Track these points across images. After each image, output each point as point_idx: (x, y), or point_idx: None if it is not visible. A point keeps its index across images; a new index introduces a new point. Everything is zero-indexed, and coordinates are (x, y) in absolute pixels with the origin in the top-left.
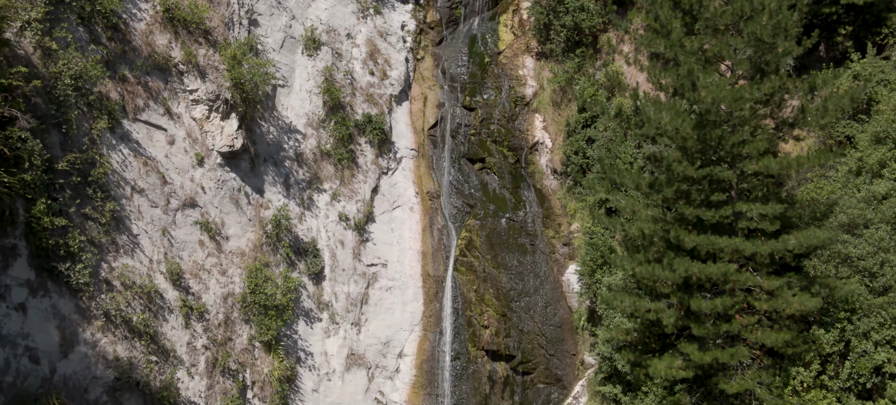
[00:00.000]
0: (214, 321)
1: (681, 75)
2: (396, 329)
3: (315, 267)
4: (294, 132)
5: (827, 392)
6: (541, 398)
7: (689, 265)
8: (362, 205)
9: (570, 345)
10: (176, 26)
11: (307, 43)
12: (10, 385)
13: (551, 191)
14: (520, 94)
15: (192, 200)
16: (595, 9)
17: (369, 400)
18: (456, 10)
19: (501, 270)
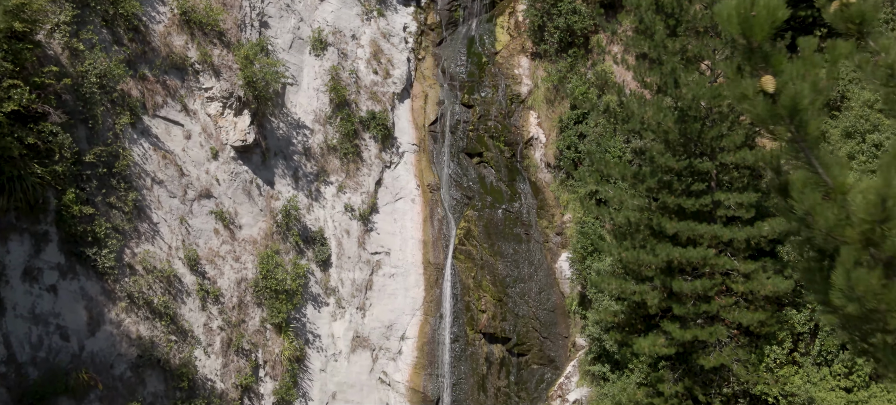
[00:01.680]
0: (229, 304)
1: (664, 74)
2: (399, 313)
3: (322, 254)
4: (302, 128)
5: (798, 368)
6: (535, 378)
7: (671, 250)
8: (367, 196)
9: (563, 328)
10: (192, 28)
11: (314, 44)
12: (43, 360)
13: (545, 183)
14: (515, 92)
15: (208, 191)
16: (586, 11)
17: (373, 379)
18: (455, 12)
19: (498, 258)
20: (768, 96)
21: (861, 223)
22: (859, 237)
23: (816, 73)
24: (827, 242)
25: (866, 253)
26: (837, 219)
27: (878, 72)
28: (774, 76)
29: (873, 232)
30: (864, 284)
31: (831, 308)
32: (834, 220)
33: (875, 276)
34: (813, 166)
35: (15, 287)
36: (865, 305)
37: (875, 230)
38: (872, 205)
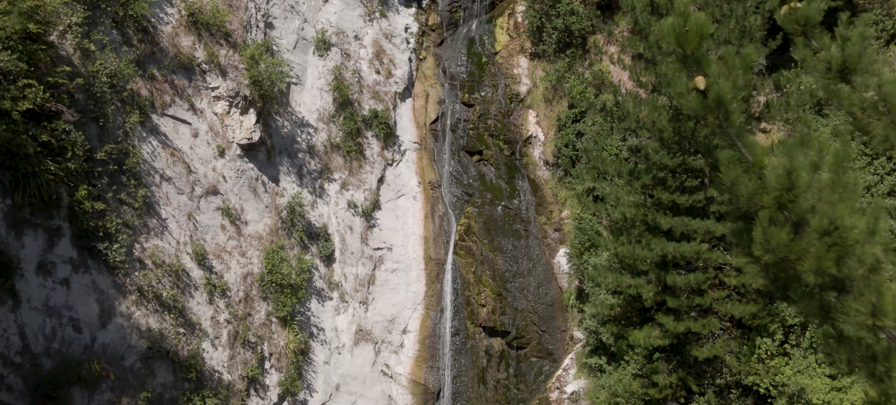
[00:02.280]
0: (235, 298)
1: (659, 74)
2: (401, 307)
3: (326, 250)
4: (306, 126)
5: (788, 359)
6: (533, 370)
7: (666, 245)
8: (369, 193)
9: (561, 321)
10: (199, 29)
11: (318, 44)
12: (56, 351)
13: (544, 180)
14: (515, 91)
15: (215, 188)
16: (584, 13)
17: (376, 372)
18: (456, 13)
19: (497, 254)
20: (700, 93)
21: (773, 191)
22: (773, 202)
23: (736, 74)
24: (748, 206)
25: (779, 214)
26: (755, 188)
27: (818, 65)
28: (704, 77)
29: (783, 198)
30: (777, 239)
31: (754, 259)
32: (753, 189)
33: (785, 232)
34: (737, 147)
35: (29, 280)
36: (778, 255)
37: (784, 196)
38: (782, 177)
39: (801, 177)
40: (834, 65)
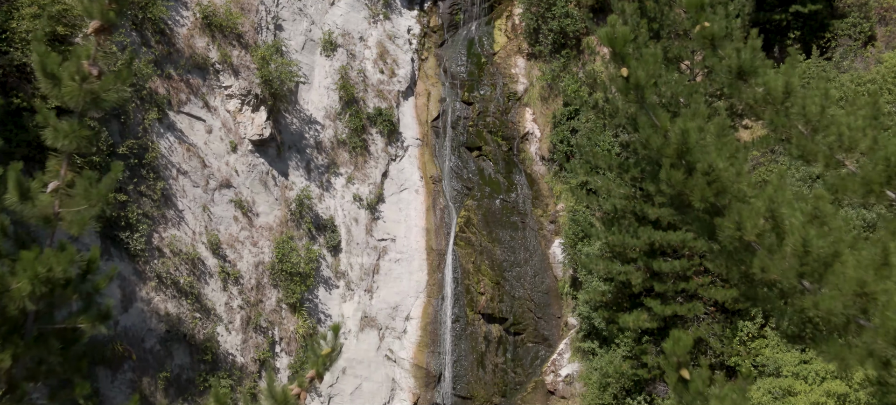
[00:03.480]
0: (248, 285)
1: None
2: (404, 295)
3: (333, 241)
4: (314, 123)
5: (768, 341)
6: (530, 355)
7: (653, 233)
8: (374, 187)
9: (556, 308)
10: (213, 31)
11: (325, 45)
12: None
13: (540, 175)
14: (512, 90)
15: (228, 181)
16: (578, 15)
17: (380, 356)
18: (456, 15)
19: (496, 245)
20: (625, 79)
21: (674, 145)
22: (673, 153)
23: (648, 66)
24: (657, 156)
25: (678, 161)
26: (662, 143)
27: (723, 69)
28: (628, 68)
29: (680, 150)
30: (676, 178)
31: (663, 194)
32: (660, 144)
33: (681, 173)
34: (650, 116)
35: None
36: (676, 189)
37: (680, 149)
38: (679, 136)
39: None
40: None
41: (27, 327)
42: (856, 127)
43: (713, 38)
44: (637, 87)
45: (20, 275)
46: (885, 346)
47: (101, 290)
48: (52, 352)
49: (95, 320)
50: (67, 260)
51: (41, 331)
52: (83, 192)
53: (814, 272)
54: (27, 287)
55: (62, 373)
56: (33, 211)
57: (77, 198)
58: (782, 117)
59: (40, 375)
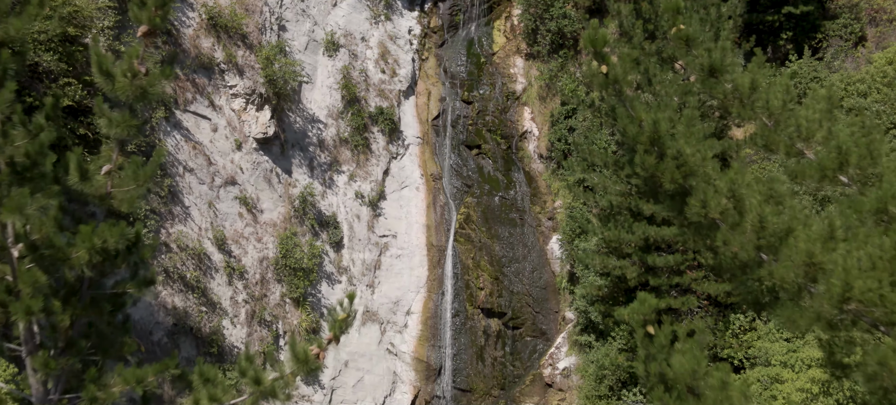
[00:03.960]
0: (252, 280)
1: (641, 73)
2: (404, 290)
3: (335, 237)
4: (317, 122)
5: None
6: (528, 349)
7: (647, 229)
8: (375, 184)
9: (553, 303)
10: (218, 32)
11: (327, 45)
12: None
13: (538, 172)
14: (511, 89)
15: (233, 179)
16: (576, 16)
17: (382, 350)
18: (456, 16)
19: (495, 241)
20: (604, 75)
21: (647, 133)
22: (646, 140)
23: (624, 64)
24: (632, 143)
25: (651, 148)
26: (637, 132)
27: (697, 66)
28: (607, 66)
29: (652, 137)
30: (649, 162)
31: (638, 176)
32: (635, 132)
33: (653, 158)
34: (626, 107)
35: None
36: (649, 172)
37: (653, 137)
38: (651, 126)
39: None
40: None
41: (82, 292)
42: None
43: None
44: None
45: (79, 246)
46: (830, 310)
47: (145, 260)
48: (103, 314)
49: (141, 286)
50: (118, 233)
51: (94, 297)
52: (132, 174)
53: (770, 245)
54: (85, 256)
55: (109, 334)
56: (90, 190)
57: (126, 179)
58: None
59: (93, 335)
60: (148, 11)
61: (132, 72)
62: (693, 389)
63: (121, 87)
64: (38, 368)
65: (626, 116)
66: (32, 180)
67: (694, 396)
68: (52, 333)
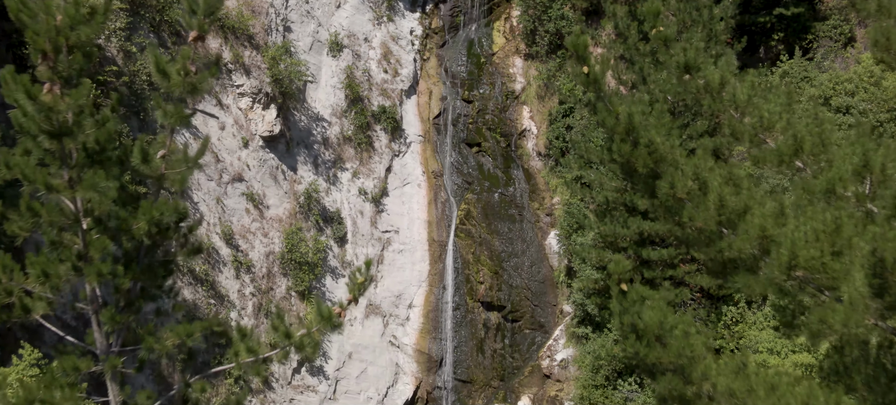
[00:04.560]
0: (259, 273)
1: (636, 73)
2: (407, 284)
3: (339, 232)
4: (321, 120)
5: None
6: (527, 341)
7: (642, 223)
8: (378, 181)
9: (551, 297)
10: (226, 33)
11: (331, 46)
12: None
13: (536, 170)
14: (510, 88)
15: (240, 175)
16: (574, 17)
17: (385, 342)
18: (456, 18)
19: (494, 236)
20: (586, 74)
21: (623, 124)
22: (622, 130)
23: (605, 65)
24: (610, 133)
25: (626, 137)
26: (614, 124)
27: (673, 64)
28: (588, 67)
29: (627, 128)
30: (624, 149)
31: (614, 161)
32: (613, 124)
33: (628, 146)
34: (604, 102)
35: None
36: (625, 158)
37: (629, 128)
38: (627, 117)
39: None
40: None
41: (140, 259)
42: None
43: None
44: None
45: (139, 218)
46: (780, 276)
47: (194, 231)
48: (156, 278)
49: (190, 254)
50: (172, 209)
51: (148, 263)
52: (182, 158)
53: (729, 221)
54: (144, 227)
55: (159, 296)
56: (148, 171)
57: (177, 162)
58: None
59: (147, 297)
60: (198, 19)
61: (185, 70)
62: (660, 338)
63: (175, 83)
64: (105, 322)
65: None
66: (101, 163)
67: (661, 344)
68: (116, 293)
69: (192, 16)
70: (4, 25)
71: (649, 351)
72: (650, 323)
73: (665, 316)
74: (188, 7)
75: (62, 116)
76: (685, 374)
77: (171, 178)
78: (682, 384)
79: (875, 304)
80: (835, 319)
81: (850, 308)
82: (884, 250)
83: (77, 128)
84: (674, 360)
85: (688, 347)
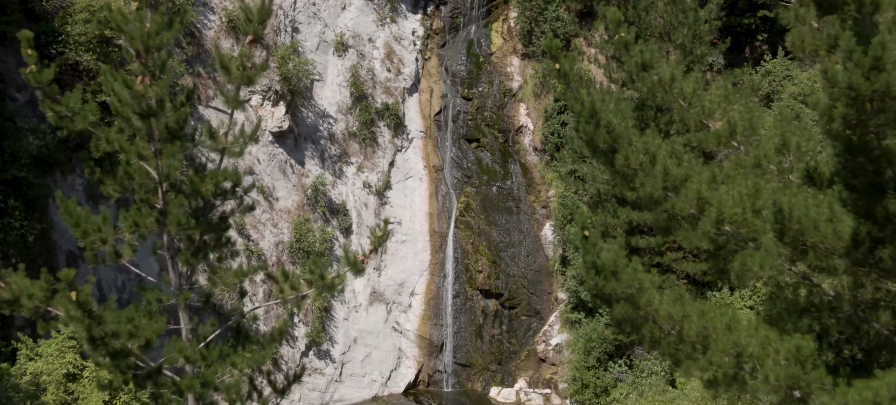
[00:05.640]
0: (269, 262)
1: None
2: (409, 273)
3: (345, 223)
4: (327, 117)
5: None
6: (523, 327)
7: (631, 213)
8: (381, 175)
9: (547, 285)
10: (237, 33)
11: (337, 46)
12: (126, 301)
13: (532, 164)
14: (508, 87)
15: (251, 169)
16: (568, 19)
17: (388, 328)
18: (456, 19)
19: (492, 227)
20: (558, 70)
21: (587, 110)
22: (587, 115)
23: (571, 60)
24: (578, 117)
25: (590, 119)
26: (580, 109)
27: (632, 62)
28: (559, 64)
29: (591, 113)
30: (589, 130)
31: (581, 139)
32: (579, 108)
33: (592, 127)
34: (572, 91)
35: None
36: (590, 136)
37: (592, 112)
38: (590, 104)
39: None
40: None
41: (205, 215)
42: (714, 102)
43: (627, 44)
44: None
45: (207, 182)
46: (711, 230)
47: (248, 193)
48: (218, 230)
49: (245, 211)
50: (232, 175)
51: (212, 218)
52: (240, 135)
53: (673, 186)
54: (211, 188)
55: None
56: (214, 145)
57: (236, 140)
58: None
59: (210, 247)
60: (253, 26)
61: (243, 66)
62: (614, 273)
63: (235, 76)
64: (180, 263)
65: (573, 98)
66: (179, 138)
67: (615, 279)
68: (188, 241)
69: (249, 23)
70: (33, 27)
71: (606, 283)
72: (607, 261)
73: (618, 256)
74: (245, 16)
75: (150, 102)
76: (634, 302)
77: (231, 150)
78: (632, 310)
79: (784, 251)
80: (753, 263)
81: (765, 254)
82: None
83: (160, 110)
84: (625, 291)
85: (636, 281)
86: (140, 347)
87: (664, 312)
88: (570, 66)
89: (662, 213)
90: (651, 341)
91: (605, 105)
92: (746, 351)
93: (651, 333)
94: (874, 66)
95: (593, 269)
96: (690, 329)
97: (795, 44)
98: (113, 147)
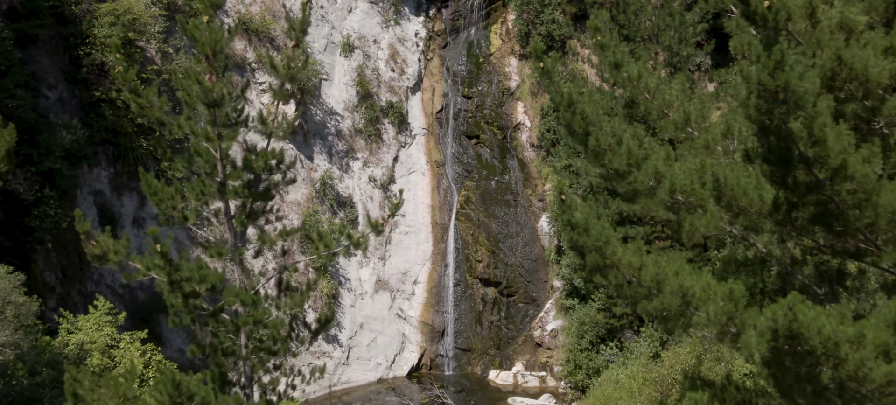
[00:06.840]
0: (280, 251)
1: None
2: (412, 263)
3: (351, 215)
4: (335, 114)
5: None
6: (521, 314)
7: (621, 205)
8: (386, 170)
9: (543, 273)
10: (249, 35)
11: (344, 47)
12: (148, 286)
13: (529, 159)
14: (506, 86)
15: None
16: (563, 21)
17: (392, 314)
18: (457, 21)
19: (491, 219)
20: (542, 68)
21: (566, 102)
22: (565, 104)
23: (555, 60)
24: (558, 105)
25: (569, 109)
26: (560, 100)
27: (606, 62)
28: (542, 63)
29: (569, 104)
30: (567, 117)
31: (560, 124)
32: (559, 99)
33: (570, 115)
34: (554, 85)
35: (127, 231)
36: (567, 122)
37: (570, 102)
38: (567, 96)
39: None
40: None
41: (255, 186)
42: (673, 95)
43: (602, 46)
44: (547, 72)
45: (259, 160)
46: (666, 199)
47: (291, 168)
48: (265, 198)
49: (288, 183)
50: (276, 154)
51: (258, 190)
52: (283, 121)
53: (636, 163)
54: (262, 164)
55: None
56: (264, 129)
57: (281, 124)
58: (635, 89)
59: (256, 215)
60: (296, 33)
61: (287, 65)
62: (586, 229)
63: (282, 74)
64: (236, 225)
65: (555, 91)
66: (235, 124)
67: (586, 233)
68: (242, 208)
69: (292, 31)
70: (62, 30)
71: (579, 237)
72: (580, 220)
73: (589, 215)
74: (289, 25)
75: (215, 94)
76: (602, 252)
77: (277, 133)
78: (600, 259)
79: (724, 214)
80: (700, 224)
81: (709, 217)
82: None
83: (223, 102)
84: (594, 243)
85: (603, 235)
86: (206, 291)
87: (625, 261)
88: (553, 65)
89: (628, 185)
90: (616, 286)
91: (581, 97)
92: (690, 292)
93: (616, 278)
94: (776, 67)
95: (569, 226)
96: (646, 275)
97: (737, 48)
98: (184, 132)
